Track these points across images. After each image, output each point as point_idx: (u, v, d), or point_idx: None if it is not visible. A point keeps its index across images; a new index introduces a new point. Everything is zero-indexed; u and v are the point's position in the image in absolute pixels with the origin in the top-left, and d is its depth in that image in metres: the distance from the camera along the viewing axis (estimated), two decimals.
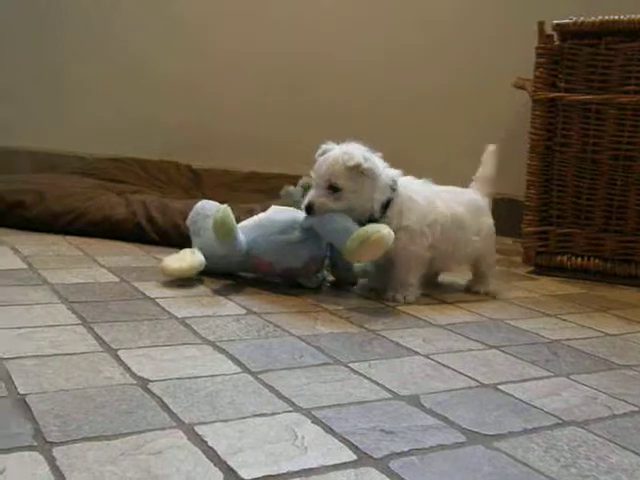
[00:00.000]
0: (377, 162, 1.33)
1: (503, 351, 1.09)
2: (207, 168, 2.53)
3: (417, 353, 1.04)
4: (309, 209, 1.31)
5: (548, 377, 0.98)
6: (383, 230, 1.24)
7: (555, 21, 1.61)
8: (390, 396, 0.87)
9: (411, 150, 2.39)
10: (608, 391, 0.94)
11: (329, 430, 0.75)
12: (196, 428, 0.73)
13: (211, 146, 2.64)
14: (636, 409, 0.89)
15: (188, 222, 1.50)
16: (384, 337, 1.11)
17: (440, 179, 2.33)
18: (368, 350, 1.04)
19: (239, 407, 0.79)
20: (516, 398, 0.89)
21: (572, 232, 1.68)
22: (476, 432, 0.78)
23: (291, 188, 2.04)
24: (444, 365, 1.00)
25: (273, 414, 0.78)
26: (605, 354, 1.11)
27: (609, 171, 1.63)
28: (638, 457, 0.75)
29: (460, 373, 0.97)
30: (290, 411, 0.80)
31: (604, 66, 1.59)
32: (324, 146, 1.36)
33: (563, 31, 1.61)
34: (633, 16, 1.54)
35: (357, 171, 1.28)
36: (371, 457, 0.70)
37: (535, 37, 1.64)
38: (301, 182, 2.04)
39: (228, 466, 0.66)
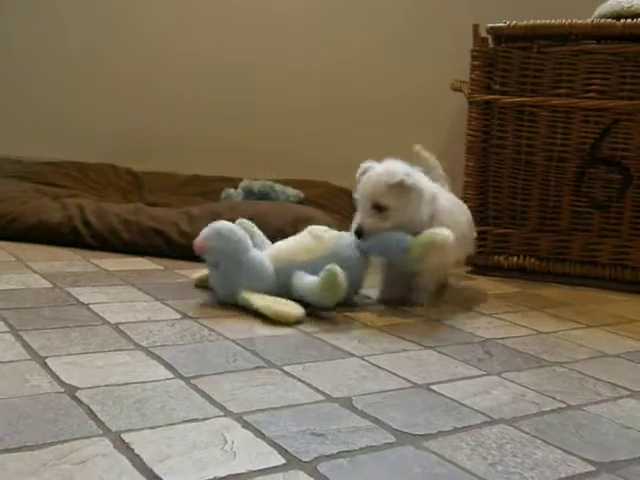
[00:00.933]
0: (419, 177, 1.32)
1: (438, 351, 1.10)
2: (149, 171, 2.50)
3: (352, 355, 1.05)
4: (359, 233, 1.29)
5: (480, 376, 1.00)
6: (444, 232, 1.25)
7: (489, 24, 1.64)
8: (323, 398, 0.87)
9: (351, 152, 2.41)
10: (537, 388, 0.96)
11: (259, 434, 0.75)
12: (123, 436, 0.72)
13: (153, 149, 2.61)
14: (563, 405, 0.90)
15: (201, 245, 1.27)
16: (320, 339, 1.11)
17: None
18: (303, 353, 1.04)
19: (169, 413, 0.78)
20: (448, 398, 0.90)
21: (508, 232, 1.71)
22: (406, 432, 0.79)
23: (232, 190, 2.04)
24: (378, 366, 1.00)
25: (204, 419, 0.78)
26: (537, 352, 1.13)
27: (543, 172, 1.66)
28: (562, 452, 0.76)
29: (394, 374, 0.98)
30: (221, 416, 0.79)
31: (536, 69, 1.63)
32: (364, 165, 1.35)
33: (497, 34, 1.64)
34: (563, 21, 1.58)
35: (401, 188, 1.27)
36: (300, 460, 0.70)
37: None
38: (242, 184, 2.04)
39: (154, 474, 0.65)
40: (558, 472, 0.72)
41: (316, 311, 1.27)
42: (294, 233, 1.59)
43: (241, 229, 1.30)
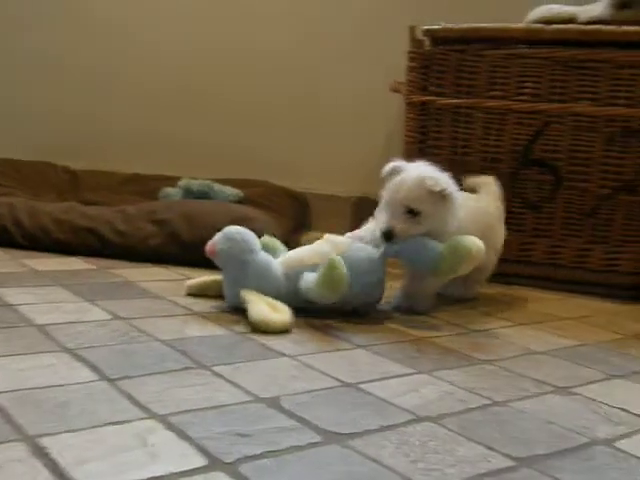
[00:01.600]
0: (453, 185, 1.28)
1: (370, 350, 1.10)
2: (87, 170, 2.45)
3: (284, 355, 1.05)
4: (389, 236, 1.25)
5: (410, 374, 1.01)
6: (477, 242, 1.22)
7: (425, 26, 1.66)
8: (250, 399, 0.86)
9: (291, 152, 2.41)
10: (465, 386, 0.98)
11: (183, 436, 0.74)
12: (40, 440, 0.70)
13: (92, 147, 2.56)
14: (489, 402, 0.92)
15: (211, 249, 1.27)
16: (252, 339, 1.11)
17: (320, 181, 2.37)
18: (234, 353, 1.03)
19: (90, 416, 0.77)
20: (376, 396, 0.91)
21: None
22: (332, 432, 0.79)
23: (170, 189, 2.02)
24: (309, 366, 1.00)
25: (126, 422, 0.76)
26: (468, 350, 1.15)
27: (478, 173, 1.69)
28: (484, 448, 0.78)
29: (324, 374, 0.98)
30: (145, 418, 0.78)
31: (471, 71, 1.65)
32: (393, 164, 1.30)
33: (433, 36, 1.66)
34: (497, 25, 1.60)
35: (438, 195, 1.24)
36: (222, 461, 0.69)
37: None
38: (180, 183, 2.02)
39: (70, 478, 0.64)
40: (478, 468, 0.73)
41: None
42: None
43: (250, 233, 1.29)
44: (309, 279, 1.21)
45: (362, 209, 2.35)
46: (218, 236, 1.28)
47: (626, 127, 1.58)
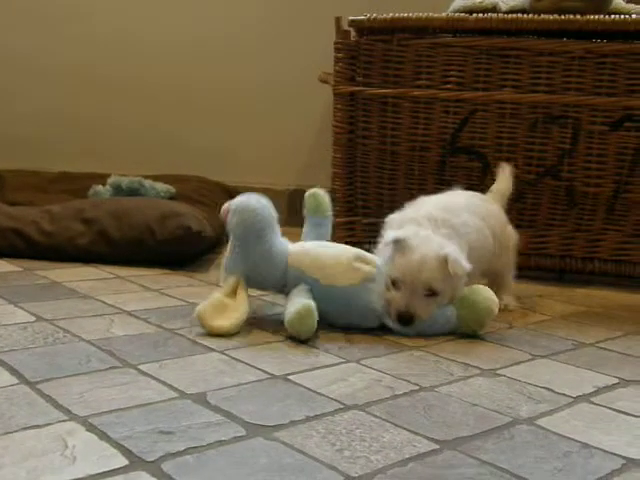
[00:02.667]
0: (465, 259, 1.17)
1: (299, 341, 1.10)
2: (13, 169, 2.38)
3: (212, 350, 1.04)
4: (409, 320, 1.14)
5: (339, 364, 1.01)
6: (491, 296, 1.18)
7: (351, 17, 1.66)
8: (176, 395, 0.85)
9: (224, 146, 2.38)
10: (393, 372, 0.98)
11: (104, 437, 0.73)
12: None
13: (18, 147, 2.49)
14: (416, 388, 0.93)
15: (225, 213, 1.22)
16: (182, 335, 1.10)
17: (254, 174, 2.35)
18: (162, 350, 1.02)
19: (7, 421, 0.75)
20: (304, 387, 0.91)
21: (377, 221, 1.73)
22: (258, 425, 0.78)
23: (99, 187, 1.98)
24: (238, 360, 1.00)
25: (45, 425, 0.75)
26: (397, 337, 1.16)
27: (407, 162, 1.70)
28: (409, 433, 0.78)
29: (252, 367, 0.97)
30: (65, 420, 0.76)
31: (397, 61, 1.66)
32: (392, 235, 1.17)
33: (358, 27, 1.67)
34: (420, 14, 1.62)
35: (450, 272, 1.14)
36: (144, 460, 0.68)
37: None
38: (110, 181, 1.98)
39: None
40: (403, 453, 0.74)
41: (181, 307, 1.25)
42: (161, 229, 1.57)
43: (268, 209, 1.22)
44: (288, 308, 1.13)
45: (296, 202, 2.35)
46: (236, 202, 1.20)
47: (547, 113, 1.62)
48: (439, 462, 0.72)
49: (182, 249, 1.59)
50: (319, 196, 1.36)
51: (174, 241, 1.57)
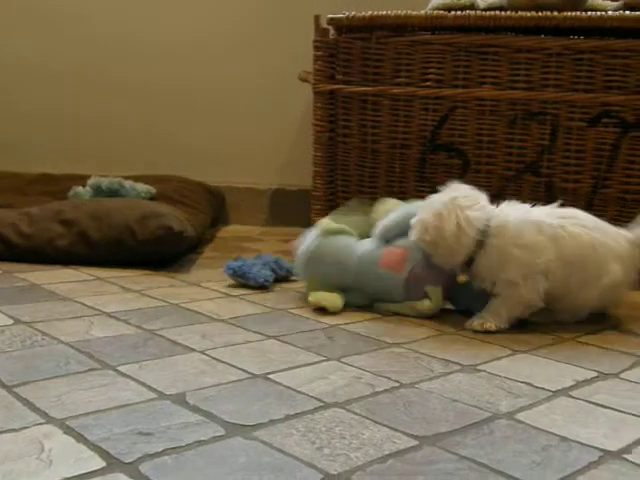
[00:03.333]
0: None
1: (280, 340, 1.10)
2: None
3: (193, 350, 1.03)
4: None
5: (319, 362, 1.01)
6: None
7: (329, 15, 1.66)
8: (156, 396, 0.85)
9: (205, 146, 2.38)
10: (374, 370, 0.98)
11: (81, 439, 0.72)
12: None
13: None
14: (396, 384, 0.93)
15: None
16: (161, 336, 1.09)
17: (236, 174, 2.35)
18: (141, 351, 1.02)
19: None
20: (284, 386, 0.91)
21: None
22: (237, 424, 0.78)
23: (79, 189, 1.97)
24: (218, 360, 1.00)
25: (22, 429, 0.74)
26: (378, 334, 1.16)
27: (388, 159, 1.71)
28: (389, 430, 0.78)
29: (233, 366, 0.97)
30: (42, 424, 0.75)
31: (377, 59, 1.67)
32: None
33: (337, 25, 1.67)
34: (400, 12, 1.62)
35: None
36: (121, 462, 0.68)
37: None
38: (90, 182, 1.97)
39: None
40: (382, 450, 0.74)
41: (161, 307, 1.25)
42: (141, 229, 1.56)
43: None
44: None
45: (279, 201, 2.35)
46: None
47: (526, 110, 1.62)
48: (418, 458, 0.72)
49: (163, 249, 1.58)
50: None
51: (155, 241, 1.56)
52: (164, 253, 1.59)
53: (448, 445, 0.75)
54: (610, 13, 1.58)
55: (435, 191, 1.68)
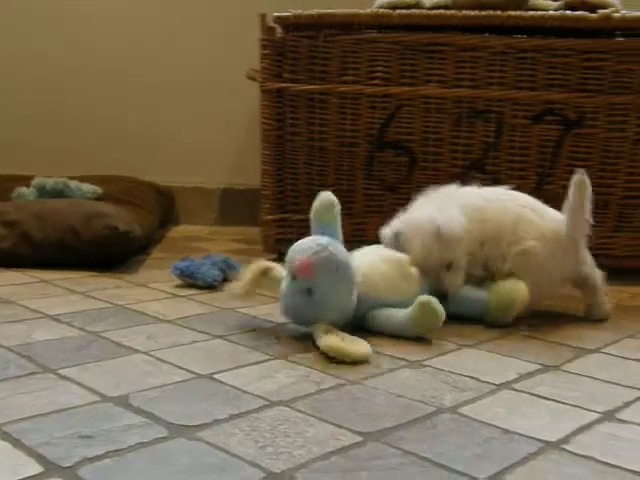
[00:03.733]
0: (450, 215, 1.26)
1: (227, 340, 1.10)
2: None
3: (137, 351, 1.02)
4: (444, 296, 1.20)
5: (266, 361, 1.01)
6: (521, 287, 1.22)
7: (276, 13, 1.65)
8: (98, 399, 0.84)
9: (152, 146, 2.35)
10: (321, 367, 0.98)
11: (18, 444, 0.71)
12: None
13: None
14: (342, 382, 0.93)
15: (308, 269, 1.09)
16: (105, 338, 1.07)
17: (184, 173, 2.32)
18: (84, 353, 1.00)
19: None
20: (230, 385, 0.90)
21: (308, 218, 1.74)
22: (181, 425, 0.77)
23: (23, 189, 1.93)
24: (163, 361, 0.98)
25: None
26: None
27: (336, 157, 1.71)
28: (333, 427, 0.79)
29: (178, 367, 0.96)
30: None
31: (324, 57, 1.67)
32: (390, 229, 1.29)
33: (284, 23, 1.66)
34: (346, 10, 1.62)
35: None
36: (59, 467, 0.66)
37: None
38: (34, 182, 1.93)
39: None
40: (326, 447, 0.74)
41: (106, 309, 1.23)
42: (86, 230, 1.53)
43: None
44: (400, 316, 1.14)
45: (229, 200, 2.34)
46: (317, 258, 1.08)
47: (472, 108, 1.64)
48: (362, 454, 0.72)
49: (109, 250, 1.56)
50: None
51: (100, 242, 1.53)
52: (110, 254, 1.57)
53: (392, 440, 0.76)
54: (551, 13, 1.61)
55: (383, 188, 1.70)
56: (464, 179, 1.67)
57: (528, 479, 0.69)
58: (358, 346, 1.03)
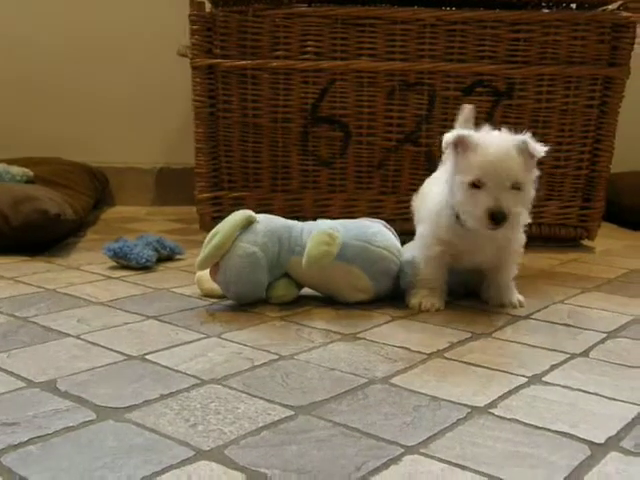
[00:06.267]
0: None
1: (160, 320, 1.08)
2: None
3: (68, 335, 1.00)
4: (501, 218, 1.05)
5: (199, 340, 1.00)
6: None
7: None
8: (24, 385, 0.82)
9: (84, 128, 2.29)
10: (254, 344, 0.98)
11: None
12: None
13: None
14: (275, 357, 0.93)
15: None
16: (34, 323, 1.05)
17: (118, 154, 2.28)
18: (11, 339, 0.97)
19: None
20: (161, 365, 0.89)
21: (243, 195, 1.73)
22: (109, 407, 0.76)
23: None
24: (94, 344, 0.97)
25: None
26: (262, 309, 1.16)
27: (270, 134, 1.70)
28: (265, 402, 0.79)
29: (109, 349, 0.95)
30: None
31: (254, 32, 1.64)
32: (459, 133, 1.10)
33: None
34: None
35: (531, 162, 1.09)
36: None
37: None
38: None
39: None
40: (257, 422, 0.74)
41: (37, 294, 1.20)
42: (15, 214, 1.49)
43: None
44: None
45: (165, 180, 2.31)
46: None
47: (404, 81, 1.65)
48: (292, 427, 0.73)
49: (40, 234, 1.52)
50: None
51: (30, 226, 1.49)
52: (41, 238, 1.53)
53: (322, 413, 0.76)
54: None
55: (319, 163, 1.70)
56: (398, 152, 1.68)
57: (456, 444, 0.70)
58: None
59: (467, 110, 1.37)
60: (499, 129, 1.13)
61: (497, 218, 1.05)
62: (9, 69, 2.27)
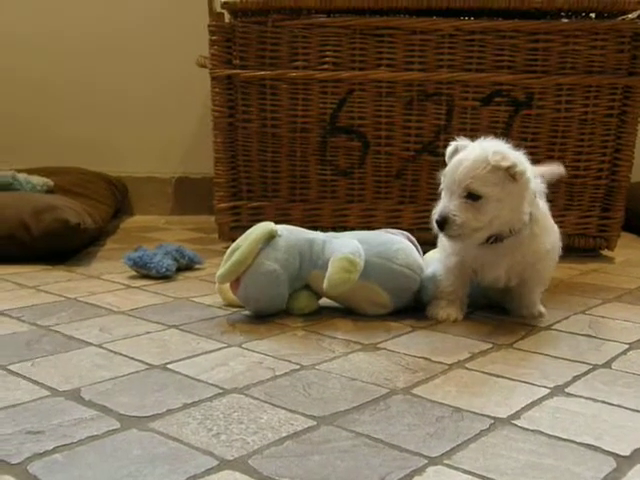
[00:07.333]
0: (528, 164, 1.08)
1: (181, 329, 1.09)
2: None
3: (90, 344, 1.01)
4: (442, 222, 1.06)
5: (220, 349, 1.00)
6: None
7: None
8: (48, 394, 0.82)
9: (104, 137, 2.31)
10: (275, 354, 0.98)
11: None
12: None
13: None
14: (297, 367, 0.93)
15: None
16: (57, 332, 1.06)
17: (137, 163, 2.29)
18: (35, 348, 0.98)
19: None
20: (183, 375, 0.90)
21: (262, 205, 1.74)
22: (133, 416, 0.77)
23: None
24: (116, 352, 0.97)
25: None
26: (280, 318, 1.16)
27: (289, 144, 1.70)
28: (287, 412, 0.79)
29: (131, 358, 0.95)
30: None
31: (273, 43, 1.65)
32: (456, 143, 1.11)
33: (232, 9, 1.65)
34: None
35: (506, 175, 1.04)
36: (8, 463, 0.66)
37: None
38: None
39: None
40: (280, 432, 0.74)
41: (58, 303, 1.21)
42: (36, 223, 1.51)
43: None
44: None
45: (184, 189, 2.32)
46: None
47: (422, 91, 1.65)
48: (315, 438, 0.73)
49: (60, 243, 1.53)
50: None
51: (51, 236, 1.51)
52: (61, 247, 1.54)
53: (345, 423, 0.76)
54: None
55: (337, 173, 1.70)
56: (416, 162, 1.69)
57: (479, 455, 0.70)
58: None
59: None
60: (518, 139, 1.13)
61: (437, 222, 1.08)
62: (33, 80, 2.30)
